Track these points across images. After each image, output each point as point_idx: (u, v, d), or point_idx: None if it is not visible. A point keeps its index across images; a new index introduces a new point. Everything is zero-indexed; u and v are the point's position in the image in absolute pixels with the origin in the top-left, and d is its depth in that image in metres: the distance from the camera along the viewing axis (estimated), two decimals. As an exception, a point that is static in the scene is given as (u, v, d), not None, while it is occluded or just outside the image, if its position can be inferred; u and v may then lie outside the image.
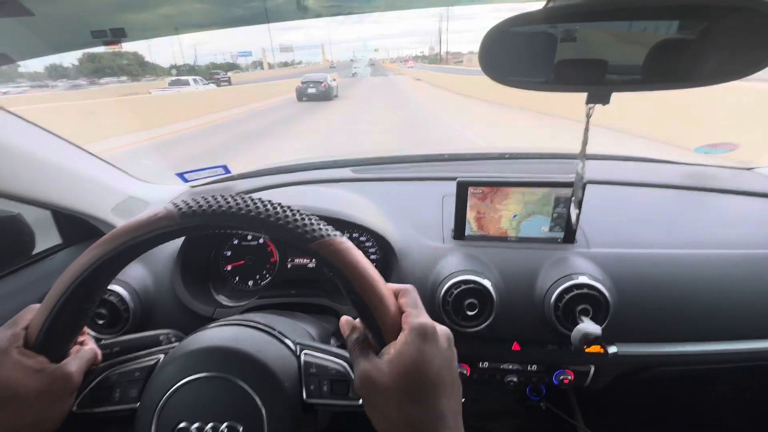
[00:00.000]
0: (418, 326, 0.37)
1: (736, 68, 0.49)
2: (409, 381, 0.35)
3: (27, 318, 0.42)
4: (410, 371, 0.35)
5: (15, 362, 0.39)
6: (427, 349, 0.36)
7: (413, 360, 0.35)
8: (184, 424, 0.42)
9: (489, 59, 0.55)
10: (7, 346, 0.40)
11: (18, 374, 0.39)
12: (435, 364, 0.36)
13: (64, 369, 0.42)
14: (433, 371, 0.35)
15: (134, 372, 0.47)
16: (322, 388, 0.46)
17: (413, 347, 0.36)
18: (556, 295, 0.70)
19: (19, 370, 0.39)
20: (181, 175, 1.08)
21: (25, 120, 0.73)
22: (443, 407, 0.35)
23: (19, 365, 0.39)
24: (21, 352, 0.40)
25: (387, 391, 0.36)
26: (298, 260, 0.90)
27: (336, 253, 0.39)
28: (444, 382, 0.36)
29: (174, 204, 0.39)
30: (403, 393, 0.35)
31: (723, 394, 1.16)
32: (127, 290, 0.76)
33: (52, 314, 0.40)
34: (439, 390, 0.35)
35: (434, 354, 0.36)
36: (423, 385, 0.35)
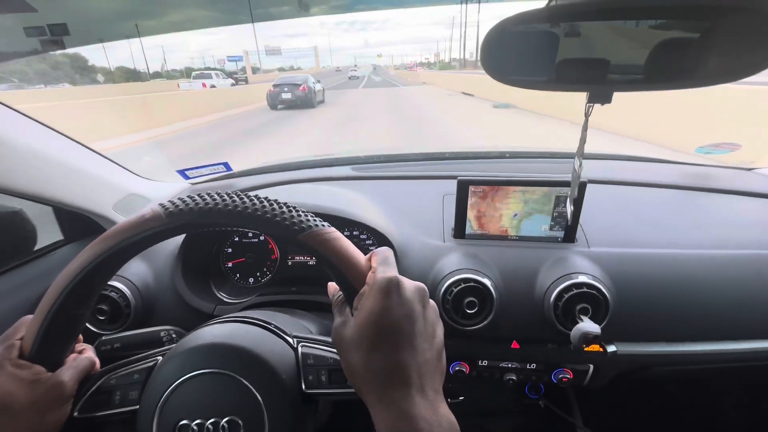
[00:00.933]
0: (380, 279, 0.37)
1: (738, 68, 0.49)
2: (367, 331, 0.36)
3: (21, 329, 0.42)
4: (369, 322, 0.36)
5: (9, 374, 0.40)
6: (387, 301, 0.36)
7: (371, 311, 0.36)
8: (185, 422, 0.43)
9: (491, 58, 0.55)
10: (1, 358, 0.40)
11: (12, 386, 0.39)
12: (394, 315, 0.36)
13: (57, 378, 0.42)
14: (392, 322, 0.36)
15: (133, 374, 0.47)
16: (321, 378, 0.46)
17: (373, 300, 0.37)
18: (555, 294, 0.71)
19: (13, 382, 0.39)
20: (182, 172, 1.08)
21: (26, 116, 0.73)
22: (403, 358, 0.35)
23: (13, 377, 0.40)
24: (15, 363, 0.40)
25: (349, 342, 0.37)
26: (298, 258, 0.90)
27: (324, 243, 0.39)
28: (405, 333, 0.36)
29: (161, 204, 0.40)
30: (361, 343, 0.36)
31: (722, 393, 1.16)
32: (128, 286, 0.76)
33: (45, 323, 0.40)
34: (397, 340, 0.36)
35: (394, 306, 0.36)
36: (380, 335, 0.36)
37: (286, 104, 13.73)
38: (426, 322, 0.38)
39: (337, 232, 0.41)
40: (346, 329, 0.38)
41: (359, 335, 0.37)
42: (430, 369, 0.36)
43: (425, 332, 0.37)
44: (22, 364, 0.41)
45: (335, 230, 0.41)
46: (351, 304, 0.40)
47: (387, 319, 0.36)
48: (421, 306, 0.38)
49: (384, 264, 0.40)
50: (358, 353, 0.36)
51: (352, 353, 0.37)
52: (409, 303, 0.37)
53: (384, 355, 0.35)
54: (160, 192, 1.02)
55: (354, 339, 0.37)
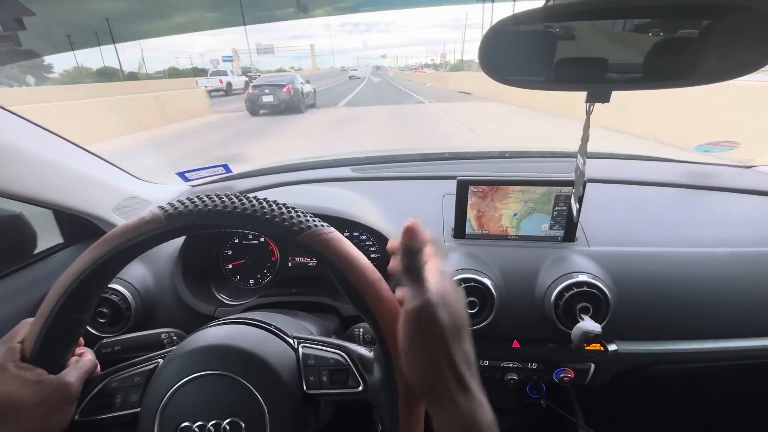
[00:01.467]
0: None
1: (736, 66, 0.49)
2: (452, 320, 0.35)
3: (22, 332, 0.42)
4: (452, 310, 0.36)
5: (12, 375, 0.40)
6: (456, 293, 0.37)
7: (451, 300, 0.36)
8: (186, 424, 0.43)
9: (489, 58, 0.55)
10: (4, 360, 0.40)
11: (16, 387, 0.39)
12: (462, 308, 0.37)
13: (62, 380, 0.42)
14: (463, 314, 0.37)
15: (134, 377, 0.47)
16: (322, 379, 0.46)
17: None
18: (556, 293, 0.71)
19: (16, 384, 0.39)
20: (181, 174, 1.08)
21: (26, 119, 0.73)
22: (471, 351, 0.37)
23: (16, 378, 0.40)
24: (18, 365, 0.40)
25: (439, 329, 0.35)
26: (298, 259, 0.90)
27: (324, 243, 0.39)
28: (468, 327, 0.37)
29: (160, 207, 0.40)
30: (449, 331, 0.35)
31: (722, 391, 1.16)
32: (128, 289, 0.76)
33: (46, 326, 0.41)
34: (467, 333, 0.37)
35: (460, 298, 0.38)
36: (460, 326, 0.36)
37: (269, 109, 11.40)
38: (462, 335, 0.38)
39: (337, 232, 0.41)
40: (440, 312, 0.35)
41: (446, 322, 0.35)
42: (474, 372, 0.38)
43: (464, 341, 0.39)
44: (24, 366, 0.41)
45: (334, 230, 0.41)
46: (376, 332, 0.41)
47: (461, 311, 0.37)
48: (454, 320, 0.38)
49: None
50: (449, 339, 0.35)
51: (442, 338, 0.35)
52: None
53: (465, 344, 0.37)
54: (160, 194, 1.02)
55: (447, 325, 0.35)
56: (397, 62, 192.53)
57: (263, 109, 11.48)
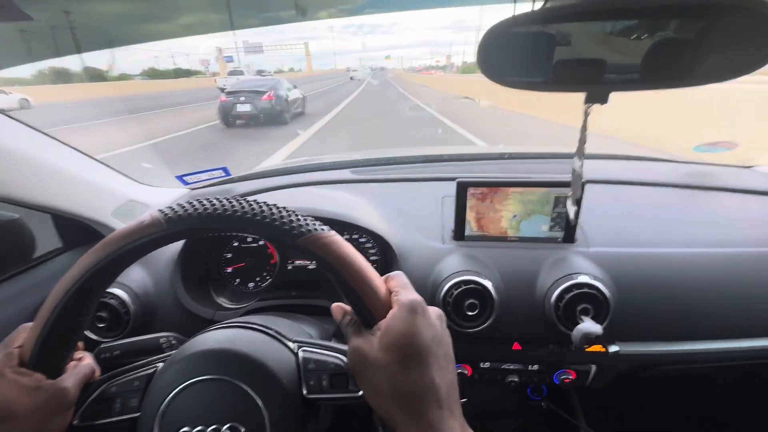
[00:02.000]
0: (407, 302, 0.38)
1: (734, 67, 0.49)
2: (397, 352, 0.36)
3: (20, 337, 0.42)
4: (399, 343, 0.36)
5: (9, 381, 0.39)
6: (417, 322, 0.36)
7: (402, 332, 0.36)
8: (186, 429, 0.42)
9: (487, 59, 0.55)
10: (1, 366, 0.40)
11: (13, 393, 0.39)
12: (424, 337, 0.36)
13: (59, 385, 0.42)
14: (422, 343, 0.36)
15: (133, 382, 0.47)
16: (322, 383, 0.46)
17: (402, 320, 0.37)
18: (556, 294, 0.70)
19: (14, 389, 0.39)
20: (180, 178, 1.08)
21: (24, 123, 0.73)
22: (434, 379, 0.35)
23: (14, 384, 0.39)
24: (15, 371, 0.40)
25: (377, 363, 0.36)
26: (298, 262, 0.90)
27: (324, 247, 0.39)
28: (434, 354, 0.36)
29: (160, 210, 0.40)
30: (393, 364, 0.36)
31: (724, 392, 1.16)
32: (127, 293, 0.76)
33: (45, 331, 0.40)
34: (428, 361, 0.36)
35: (423, 327, 0.37)
36: (412, 356, 0.35)
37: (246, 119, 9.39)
38: (447, 345, 0.39)
39: (337, 236, 0.41)
40: (371, 349, 0.37)
41: (388, 355, 0.36)
42: (455, 390, 0.37)
43: (448, 355, 0.38)
44: (22, 371, 0.40)
45: (335, 233, 0.41)
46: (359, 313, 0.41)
47: (418, 339, 0.36)
48: (442, 328, 0.39)
49: (404, 287, 0.41)
50: (387, 373, 0.36)
51: (380, 373, 0.36)
52: (434, 325, 0.38)
53: (416, 375, 0.35)
54: (159, 198, 1.02)
55: (382, 359, 0.36)
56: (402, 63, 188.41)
57: (239, 119, 9.36)
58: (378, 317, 0.39)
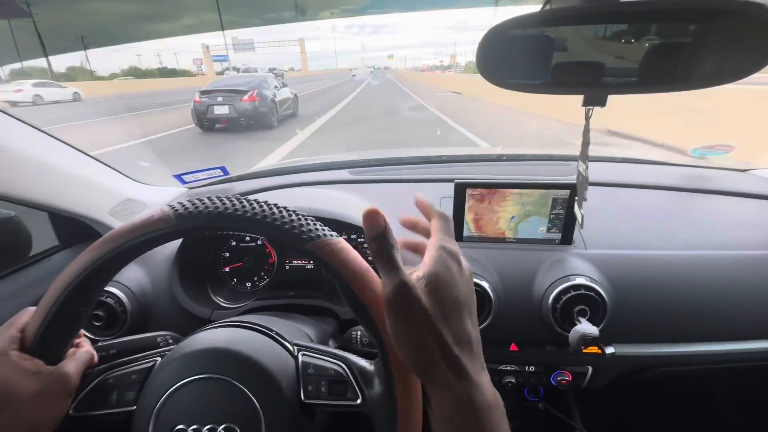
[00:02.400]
0: (452, 251, 0.37)
1: (732, 71, 0.50)
2: (440, 299, 0.34)
3: (23, 321, 0.42)
4: (442, 288, 0.34)
5: (12, 364, 0.39)
6: (459, 271, 0.36)
7: (447, 281, 0.35)
8: (182, 427, 0.42)
9: (486, 61, 0.55)
10: (5, 348, 0.40)
11: (15, 376, 0.39)
12: (463, 287, 0.35)
13: (61, 371, 0.42)
14: (462, 293, 0.35)
15: (131, 375, 0.47)
16: (320, 389, 0.46)
17: (446, 269, 0.35)
18: (553, 296, 0.71)
19: (16, 373, 0.39)
20: (178, 177, 1.08)
21: (22, 121, 0.73)
22: (470, 331, 0.35)
23: (16, 367, 0.39)
24: (18, 354, 0.40)
25: (423, 308, 0.33)
26: (296, 262, 0.90)
27: (332, 254, 0.39)
28: (469, 308, 0.36)
29: (170, 206, 0.39)
30: (436, 311, 0.33)
31: (721, 394, 1.16)
32: (124, 292, 0.75)
33: (48, 317, 0.40)
34: (469, 311, 0.35)
35: (462, 277, 0.36)
36: (452, 305, 0.34)
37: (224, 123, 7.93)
38: (475, 302, 0.38)
39: (345, 242, 0.40)
40: (417, 291, 0.33)
41: (431, 301, 0.33)
42: (480, 346, 0.36)
43: (474, 309, 0.37)
44: (24, 355, 0.40)
45: (342, 240, 0.40)
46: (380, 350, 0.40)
47: (461, 289, 0.35)
48: (472, 283, 0.38)
49: (447, 234, 0.39)
50: (429, 320, 0.33)
51: (423, 317, 0.33)
52: (470, 281, 0.37)
53: (455, 326, 0.34)
54: (157, 197, 1.02)
55: (424, 306, 0.33)
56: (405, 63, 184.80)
57: (217, 123, 7.97)
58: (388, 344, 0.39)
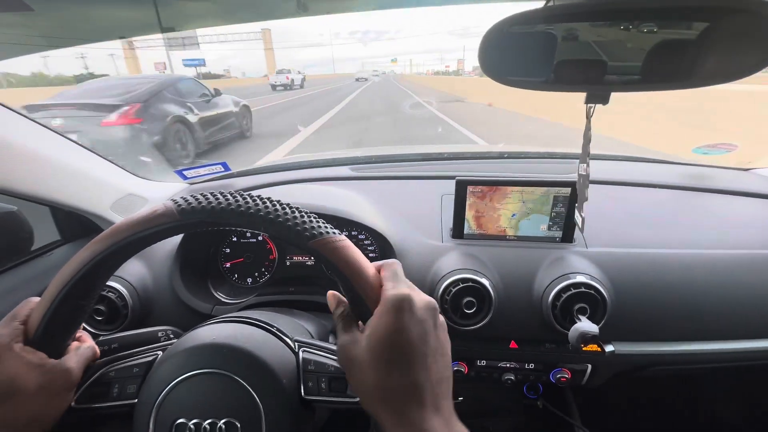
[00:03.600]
0: (392, 298, 0.37)
1: (735, 69, 0.50)
2: (380, 352, 0.36)
3: (25, 312, 0.42)
4: (382, 342, 0.36)
5: (17, 357, 0.39)
6: (401, 320, 0.36)
7: (385, 331, 0.36)
8: (182, 421, 0.42)
9: (488, 59, 0.55)
10: (9, 341, 0.40)
11: (20, 369, 0.39)
12: (407, 336, 0.35)
13: (64, 365, 0.42)
14: (406, 341, 0.35)
15: (133, 368, 0.47)
16: (321, 385, 0.46)
17: (385, 319, 0.36)
18: (553, 294, 0.71)
19: (21, 365, 0.39)
20: (180, 172, 1.08)
21: (23, 116, 0.73)
22: (417, 378, 0.35)
23: (20, 360, 0.40)
24: (22, 347, 0.40)
25: (361, 362, 0.36)
26: (296, 258, 0.90)
27: (334, 251, 0.39)
28: (418, 352, 0.35)
29: (173, 200, 0.40)
30: (375, 363, 0.36)
31: (720, 392, 1.17)
32: (125, 287, 0.76)
33: (50, 310, 0.40)
34: (411, 360, 0.35)
35: (408, 325, 0.36)
36: (393, 356, 0.35)
37: None
38: (438, 340, 0.38)
39: (348, 240, 0.40)
40: (356, 348, 0.37)
41: (372, 355, 0.36)
42: (444, 387, 0.36)
43: (437, 350, 0.37)
44: (27, 348, 0.41)
45: (345, 238, 0.40)
46: (358, 316, 0.40)
47: (401, 338, 0.35)
48: (433, 323, 0.38)
49: (394, 279, 0.39)
50: (371, 373, 0.36)
51: (365, 373, 0.36)
52: (422, 321, 0.37)
53: (398, 375, 0.35)
54: (158, 192, 1.02)
55: (366, 359, 0.36)
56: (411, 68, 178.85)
57: None
58: None
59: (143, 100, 4.51)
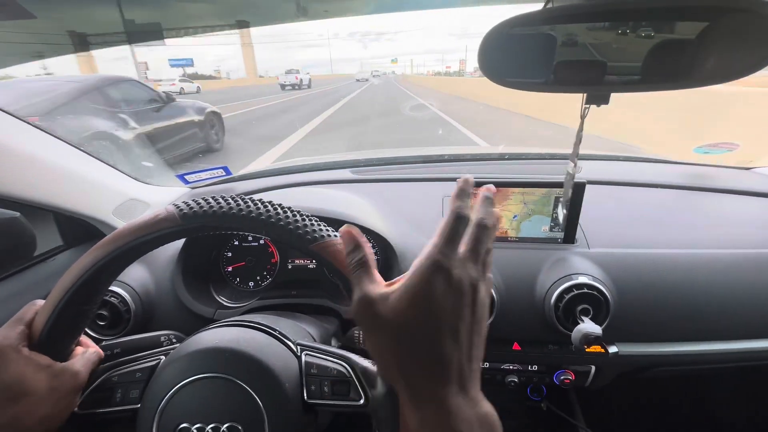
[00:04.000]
0: (433, 259, 0.32)
1: (735, 69, 0.50)
2: (412, 314, 0.31)
3: (29, 315, 0.42)
4: (415, 304, 0.31)
5: (26, 359, 0.40)
6: (439, 284, 0.31)
7: (421, 292, 0.31)
8: (185, 425, 0.42)
9: (488, 60, 0.55)
10: (17, 343, 0.40)
11: (29, 370, 0.40)
12: (442, 303, 0.31)
13: (72, 368, 0.43)
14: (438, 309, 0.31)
15: (135, 373, 0.47)
16: (323, 389, 0.46)
17: (422, 279, 0.31)
18: (556, 295, 0.71)
19: (30, 366, 0.40)
20: (181, 177, 1.08)
21: (24, 121, 0.73)
22: (446, 350, 0.31)
23: (30, 362, 0.40)
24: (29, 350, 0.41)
25: (386, 323, 0.32)
26: (298, 261, 0.90)
27: (336, 254, 0.39)
28: (451, 325, 0.31)
29: (175, 205, 0.40)
30: (403, 326, 0.31)
31: (723, 393, 1.16)
32: (128, 291, 0.76)
33: (54, 314, 0.41)
34: (444, 331, 0.31)
35: (446, 291, 0.31)
36: (426, 322, 0.31)
37: None
38: (475, 316, 0.33)
39: None
40: (383, 305, 0.32)
41: (401, 316, 0.31)
42: (474, 367, 0.33)
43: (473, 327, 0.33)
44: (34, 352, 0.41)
45: None
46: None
47: (434, 306, 0.31)
48: (472, 298, 0.33)
49: (443, 242, 0.33)
50: (397, 337, 0.31)
51: (388, 335, 0.32)
52: (462, 293, 0.32)
53: (426, 344, 0.31)
54: (160, 197, 1.02)
55: (392, 319, 0.32)
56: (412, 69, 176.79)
57: None
58: None
59: (45, 112, 3.41)
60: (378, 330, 0.32)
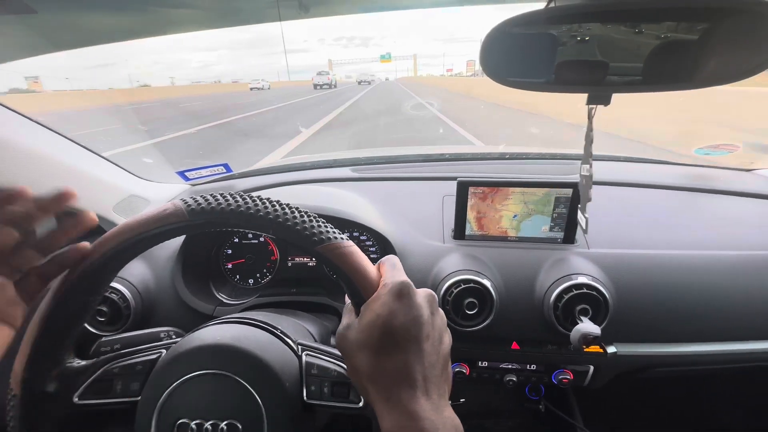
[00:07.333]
0: (391, 284, 0.37)
1: (737, 70, 0.50)
2: (372, 334, 0.36)
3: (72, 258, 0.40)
4: (374, 324, 0.36)
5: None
6: (396, 304, 0.36)
7: (378, 314, 0.36)
8: (185, 421, 0.43)
9: (490, 59, 0.55)
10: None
11: None
12: (401, 319, 0.36)
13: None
14: (398, 324, 0.35)
15: (136, 365, 0.47)
16: (323, 390, 0.46)
17: (381, 302, 0.37)
18: (555, 295, 0.71)
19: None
20: (181, 174, 1.08)
21: (26, 117, 0.73)
22: (409, 360, 0.35)
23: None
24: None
25: (355, 343, 0.37)
26: (298, 259, 0.90)
27: (341, 257, 0.39)
28: (412, 336, 0.36)
29: (183, 200, 0.39)
30: (370, 344, 0.36)
31: (722, 394, 1.16)
32: (128, 288, 0.76)
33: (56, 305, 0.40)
34: (405, 343, 0.35)
35: (403, 308, 0.36)
36: (386, 337, 0.35)
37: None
38: (433, 327, 0.38)
39: (354, 246, 0.40)
40: (351, 331, 0.38)
41: (365, 337, 0.36)
42: (436, 373, 0.36)
43: (432, 337, 0.37)
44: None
45: (352, 244, 0.40)
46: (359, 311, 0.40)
47: (395, 321, 0.36)
48: (430, 312, 0.38)
49: (393, 269, 0.40)
50: (364, 355, 0.36)
51: (358, 355, 0.37)
52: (418, 307, 0.37)
53: (390, 356, 0.35)
54: (160, 193, 1.02)
55: (359, 340, 0.37)
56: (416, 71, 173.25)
57: None
58: None
59: None
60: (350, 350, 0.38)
